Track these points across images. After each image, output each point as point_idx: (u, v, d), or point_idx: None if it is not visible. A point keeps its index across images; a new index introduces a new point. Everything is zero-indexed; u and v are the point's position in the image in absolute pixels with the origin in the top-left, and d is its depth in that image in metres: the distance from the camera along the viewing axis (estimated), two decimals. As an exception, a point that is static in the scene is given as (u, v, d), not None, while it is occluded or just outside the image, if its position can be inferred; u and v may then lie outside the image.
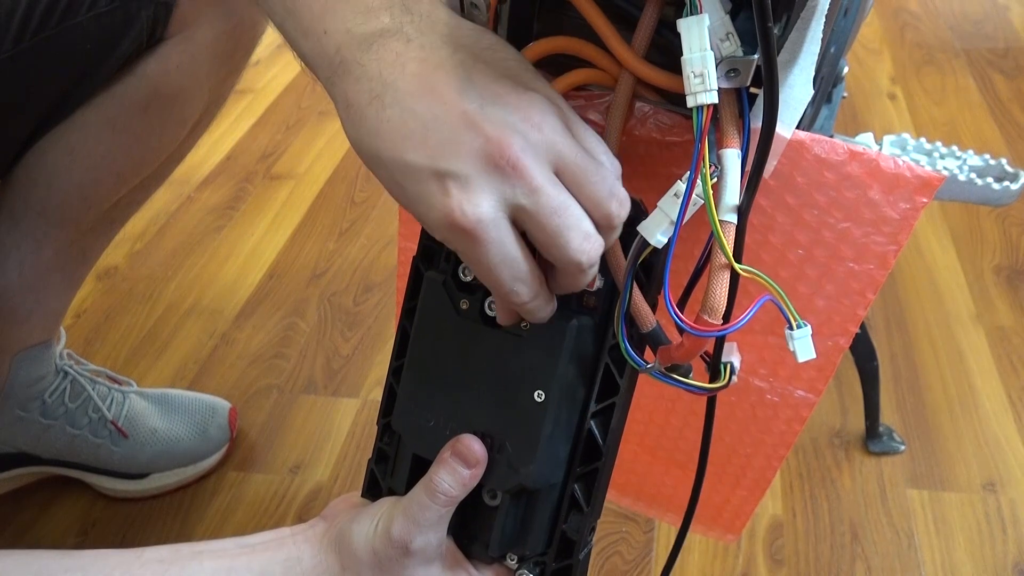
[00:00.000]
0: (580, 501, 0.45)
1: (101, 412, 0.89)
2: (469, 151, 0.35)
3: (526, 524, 0.45)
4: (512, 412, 0.43)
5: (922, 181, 0.41)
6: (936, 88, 1.55)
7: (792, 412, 0.53)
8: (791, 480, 0.92)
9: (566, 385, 0.43)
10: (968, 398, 1.00)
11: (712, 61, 0.36)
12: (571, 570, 0.46)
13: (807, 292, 0.47)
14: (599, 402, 0.44)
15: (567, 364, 0.43)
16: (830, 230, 0.44)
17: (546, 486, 0.44)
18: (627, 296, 0.41)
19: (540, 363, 0.43)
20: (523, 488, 0.44)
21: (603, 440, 0.44)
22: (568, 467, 0.45)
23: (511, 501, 0.44)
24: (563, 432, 0.44)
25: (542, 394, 0.43)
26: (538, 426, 0.43)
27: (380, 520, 0.44)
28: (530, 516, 0.45)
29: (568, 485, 0.45)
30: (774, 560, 0.84)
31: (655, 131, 0.43)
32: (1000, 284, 1.14)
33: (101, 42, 0.71)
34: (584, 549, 0.46)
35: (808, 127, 0.60)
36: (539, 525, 0.45)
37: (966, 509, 0.88)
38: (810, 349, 0.39)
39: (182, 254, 1.27)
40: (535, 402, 0.43)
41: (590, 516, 0.45)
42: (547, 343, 0.43)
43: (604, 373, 0.44)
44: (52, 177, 0.76)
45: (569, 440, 0.44)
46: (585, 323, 0.43)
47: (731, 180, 0.38)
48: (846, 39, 0.53)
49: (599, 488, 0.45)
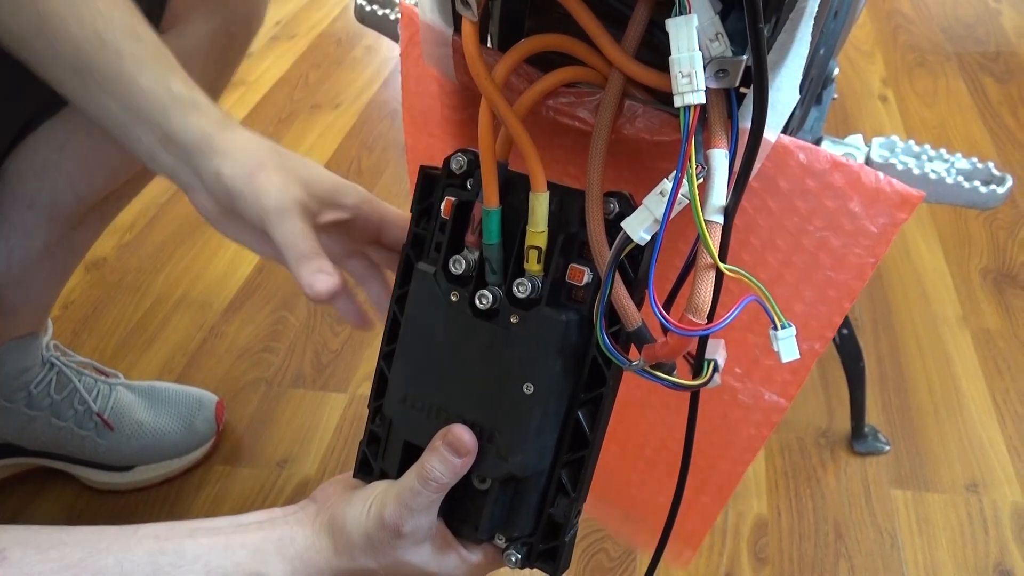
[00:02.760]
0: (567, 486, 0.46)
1: (87, 404, 0.88)
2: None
3: (514, 508, 0.46)
4: (502, 403, 0.44)
5: (902, 198, 0.41)
6: (927, 91, 1.56)
7: (762, 416, 0.53)
8: (776, 479, 0.92)
9: (555, 377, 0.44)
10: (953, 400, 1.00)
11: (700, 61, 0.36)
12: (557, 551, 0.47)
13: (785, 295, 0.47)
14: (587, 392, 0.45)
15: (556, 357, 0.43)
16: (810, 237, 0.44)
17: (534, 473, 0.45)
18: (607, 292, 0.41)
19: (529, 356, 0.44)
20: (512, 476, 0.45)
21: (590, 429, 0.45)
22: (556, 454, 0.45)
23: (500, 487, 0.45)
24: (551, 422, 0.45)
25: (531, 387, 0.44)
26: (527, 418, 0.44)
27: (373, 504, 0.45)
28: (518, 500, 0.46)
29: (555, 471, 0.46)
30: (758, 559, 0.85)
31: (644, 130, 0.43)
32: (987, 287, 1.15)
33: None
34: (570, 531, 0.47)
35: (797, 128, 0.60)
36: (527, 509, 0.46)
37: (949, 510, 0.89)
38: (794, 349, 0.39)
39: (171, 246, 1.26)
40: (524, 394, 0.44)
41: (576, 500, 0.46)
42: (536, 336, 0.43)
43: (592, 364, 0.44)
44: (42, 171, 0.76)
45: (557, 429, 0.45)
46: (572, 317, 0.44)
47: (718, 181, 0.39)
48: (836, 41, 0.54)
49: (585, 474, 0.45)
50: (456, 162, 0.47)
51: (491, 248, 0.45)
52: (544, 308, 0.44)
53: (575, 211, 0.44)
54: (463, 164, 0.47)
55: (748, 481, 0.92)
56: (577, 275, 0.44)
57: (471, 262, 0.46)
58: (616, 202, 0.42)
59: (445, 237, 0.46)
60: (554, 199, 0.44)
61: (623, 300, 0.41)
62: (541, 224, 0.44)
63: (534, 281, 0.44)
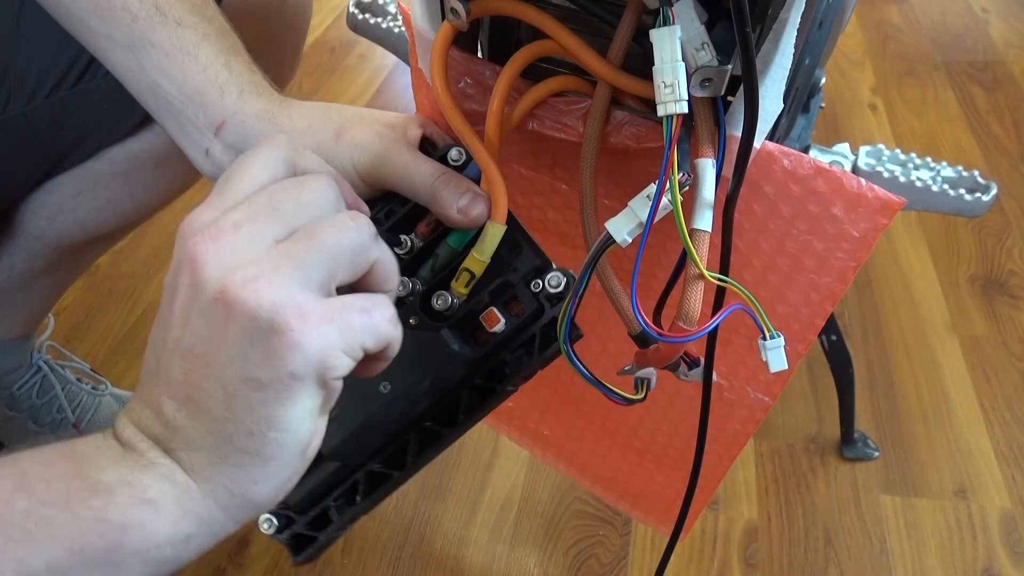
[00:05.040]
0: (359, 492, 0.44)
1: (65, 413, 0.88)
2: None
3: (301, 481, 0.43)
4: (356, 385, 0.41)
5: (883, 203, 0.42)
6: (916, 100, 1.57)
7: (747, 413, 0.53)
8: (766, 485, 0.93)
9: (414, 394, 0.43)
10: (941, 406, 1.01)
11: (683, 71, 0.37)
12: (310, 543, 0.45)
13: (768, 298, 0.47)
14: (430, 421, 0.44)
15: (426, 377, 0.43)
16: (793, 241, 0.45)
17: (340, 462, 0.44)
18: (582, 289, 0.41)
19: (405, 360, 0.42)
20: (320, 453, 0.42)
21: (413, 456, 0.44)
22: (369, 458, 0.44)
23: None
24: (386, 428, 0.44)
25: (388, 386, 0.43)
26: (366, 411, 0.43)
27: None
28: (308, 476, 0.42)
29: (358, 472, 0.44)
30: (748, 564, 0.85)
31: (630, 138, 0.44)
32: (975, 294, 1.16)
33: (119, 103, 0.71)
34: (336, 532, 0.45)
35: (784, 137, 0.61)
36: (310, 488, 0.44)
37: (937, 515, 0.89)
38: (782, 360, 0.39)
39: (164, 253, 1.26)
40: (378, 391, 0.43)
41: (359, 509, 0.45)
42: (422, 348, 0.43)
43: (452, 402, 0.44)
44: (55, 213, 0.76)
45: (385, 437, 0.44)
46: (464, 353, 0.43)
47: (705, 190, 0.39)
48: (821, 50, 0.54)
49: (383, 491, 0.44)
50: (457, 152, 0.45)
51: (447, 250, 0.45)
52: (446, 330, 0.43)
53: (526, 265, 0.43)
54: (462, 156, 0.45)
55: (738, 487, 0.92)
56: (492, 320, 0.43)
57: (414, 247, 0.45)
58: (562, 275, 0.42)
59: (402, 212, 0.45)
60: (515, 243, 0.44)
61: (624, 306, 0.41)
62: (487, 253, 0.43)
63: (454, 300, 0.44)
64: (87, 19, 0.48)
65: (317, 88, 1.66)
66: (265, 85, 0.48)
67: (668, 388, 0.57)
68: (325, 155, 0.44)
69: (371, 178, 0.45)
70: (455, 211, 0.43)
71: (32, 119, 0.68)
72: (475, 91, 0.47)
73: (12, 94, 0.67)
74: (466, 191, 0.43)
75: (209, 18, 0.49)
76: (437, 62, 0.44)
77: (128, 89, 0.50)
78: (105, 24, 0.48)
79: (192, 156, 0.49)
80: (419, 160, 0.44)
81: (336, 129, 0.45)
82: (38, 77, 0.67)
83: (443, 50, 0.44)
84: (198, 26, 0.48)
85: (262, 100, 0.47)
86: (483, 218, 0.43)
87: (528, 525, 0.89)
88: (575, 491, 0.92)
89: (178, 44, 0.47)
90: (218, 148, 0.47)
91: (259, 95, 0.47)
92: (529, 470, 0.95)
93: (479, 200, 0.43)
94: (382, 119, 0.46)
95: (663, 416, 0.60)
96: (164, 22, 0.47)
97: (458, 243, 0.45)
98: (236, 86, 0.47)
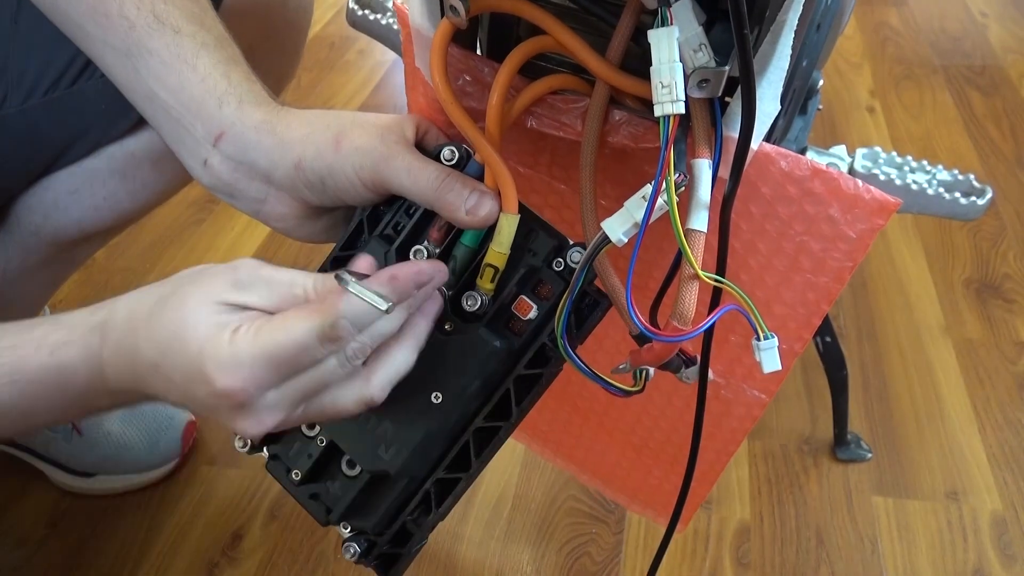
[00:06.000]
0: (432, 501, 0.45)
1: None
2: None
3: (372, 503, 0.45)
4: (406, 401, 0.43)
5: (879, 204, 0.42)
6: (914, 103, 1.57)
7: (744, 411, 0.54)
8: (759, 485, 0.93)
9: (465, 396, 0.43)
10: (935, 408, 1.01)
11: (680, 72, 0.37)
12: (398, 559, 0.46)
13: (765, 298, 0.48)
14: (487, 420, 0.44)
15: (474, 378, 0.43)
16: (790, 241, 0.45)
17: (407, 477, 0.45)
18: (578, 287, 0.41)
19: (450, 366, 0.43)
20: (386, 473, 0.44)
21: (475, 455, 0.44)
22: (434, 467, 0.45)
23: (368, 479, 0.45)
24: (444, 436, 0.44)
25: (440, 396, 0.43)
26: (424, 424, 0.44)
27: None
28: (379, 497, 0.45)
29: (427, 482, 0.45)
30: (740, 564, 0.85)
31: (628, 138, 0.44)
32: (969, 297, 1.16)
33: (117, 103, 0.69)
34: (419, 544, 0.46)
35: (781, 138, 0.61)
36: (384, 508, 0.45)
37: (929, 517, 0.90)
38: (776, 360, 0.39)
39: (160, 247, 1.26)
40: (431, 401, 0.43)
41: (437, 517, 0.45)
42: (464, 351, 0.43)
43: (503, 396, 0.44)
44: (51, 210, 0.76)
45: (446, 444, 0.45)
46: (504, 346, 0.44)
47: (701, 190, 0.39)
48: (819, 52, 0.54)
49: (455, 496, 0.45)
50: (449, 151, 0.45)
51: (464, 251, 0.45)
52: (482, 328, 0.44)
53: (545, 248, 0.44)
54: (455, 155, 0.45)
55: (731, 487, 0.93)
56: (524, 308, 0.44)
57: (430, 256, 0.45)
58: (582, 249, 0.43)
59: (411, 222, 0.45)
60: (529, 229, 0.44)
61: (624, 305, 0.42)
62: (505, 245, 0.44)
63: (483, 298, 0.44)
64: (84, 24, 0.48)
65: (316, 83, 1.65)
66: (264, 95, 0.48)
67: (666, 386, 0.57)
68: (326, 163, 0.44)
69: (373, 183, 0.45)
70: (463, 213, 0.43)
71: (29, 117, 0.68)
72: (474, 88, 0.47)
73: (9, 92, 0.67)
74: (472, 191, 0.43)
75: (208, 27, 0.48)
76: (437, 59, 0.44)
77: (125, 95, 0.49)
78: (102, 30, 0.48)
79: (189, 165, 0.49)
80: (422, 164, 0.44)
81: (335, 135, 0.45)
82: (35, 76, 0.67)
83: (443, 46, 0.44)
84: (196, 35, 0.47)
85: (260, 111, 0.47)
86: (493, 216, 0.43)
87: (521, 522, 0.89)
88: (569, 489, 0.92)
89: (176, 53, 0.47)
90: (217, 159, 0.47)
91: (257, 105, 0.47)
92: (523, 467, 0.95)
93: (486, 198, 0.43)
94: (379, 122, 0.46)
95: (661, 413, 0.60)
96: (162, 30, 0.47)
97: (473, 241, 0.45)
98: (235, 97, 0.47)
